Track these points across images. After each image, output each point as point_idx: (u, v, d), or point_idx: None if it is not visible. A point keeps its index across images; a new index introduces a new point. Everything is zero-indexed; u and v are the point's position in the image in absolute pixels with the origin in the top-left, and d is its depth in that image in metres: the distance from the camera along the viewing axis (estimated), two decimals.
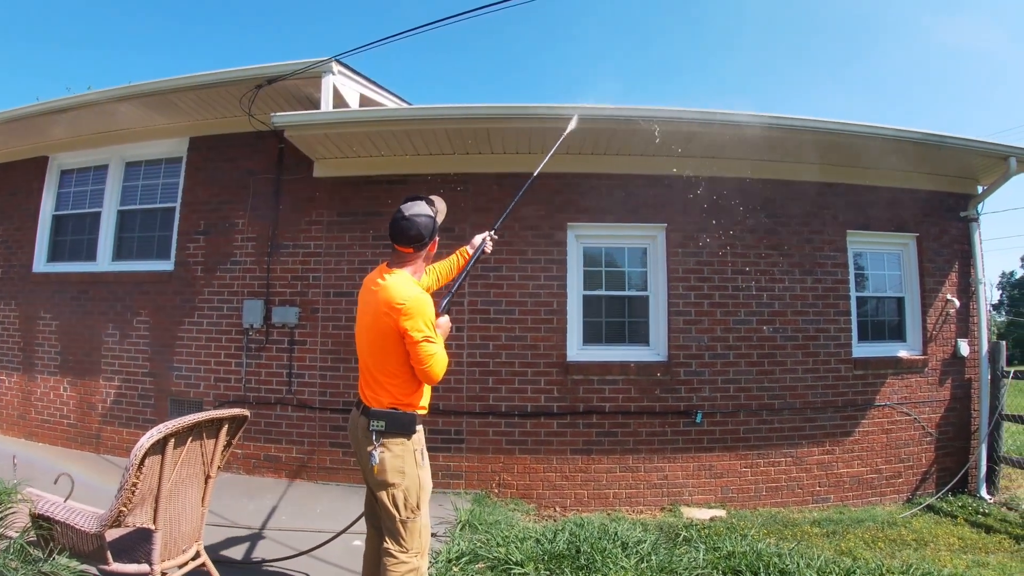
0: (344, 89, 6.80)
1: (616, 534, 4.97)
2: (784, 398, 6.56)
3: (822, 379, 6.66)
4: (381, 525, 2.98)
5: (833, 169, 6.93)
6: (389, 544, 2.87)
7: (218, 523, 4.88)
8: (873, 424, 6.80)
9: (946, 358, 7.20)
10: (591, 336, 6.53)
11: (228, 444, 3.48)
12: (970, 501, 6.76)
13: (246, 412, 3.49)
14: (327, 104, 6.40)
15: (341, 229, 6.61)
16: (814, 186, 6.92)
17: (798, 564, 4.43)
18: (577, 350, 6.46)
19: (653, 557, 4.52)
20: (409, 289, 2.87)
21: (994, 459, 7.07)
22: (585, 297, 6.58)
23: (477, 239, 3.85)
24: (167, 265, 7.13)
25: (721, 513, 6.10)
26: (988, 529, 5.96)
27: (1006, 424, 7.24)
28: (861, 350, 6.95)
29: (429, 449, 6.08)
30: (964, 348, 7.22)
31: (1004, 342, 7.36)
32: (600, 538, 4.83)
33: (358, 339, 3.07)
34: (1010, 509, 6.58)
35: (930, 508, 6.57)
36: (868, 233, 7.10)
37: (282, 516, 5.25)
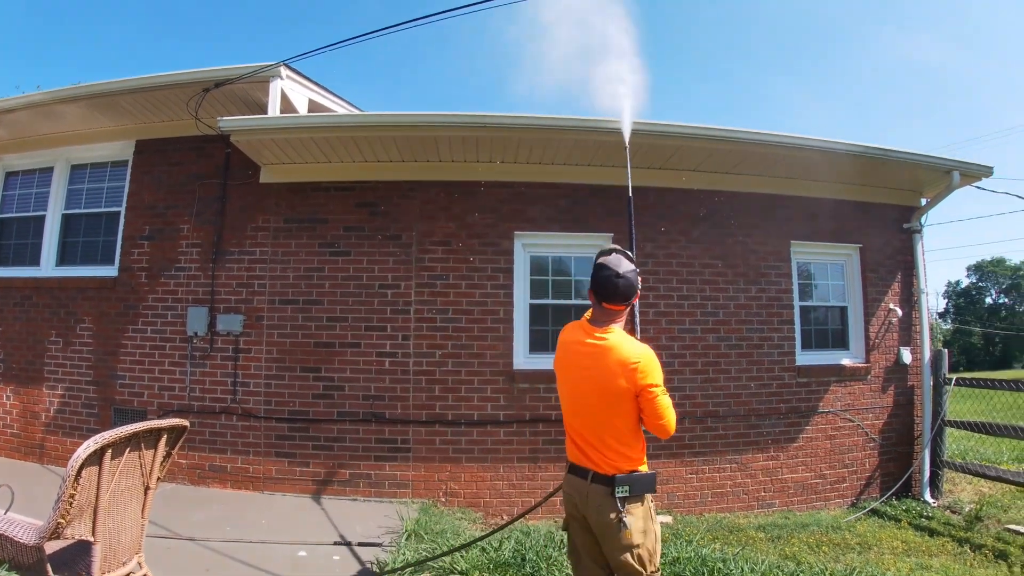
0: (293, 94, 6.73)
1: (562, 542, 4.98)
2: (729, 405, 6.63)
3: (766, 387, 6.74)
4: None
5: (779, 181, 7.03)
6: None
7: (162, 535, 4.79)
8: (817, 430, 6.90)
9: (889, 366, 7.34)
10: (538, 344, 6.53)
11: (168, 455, 3.41)
12: (914, 505, 6.86)
13: (185, 422, 3.42)
14: (275, 109, 6.35)
15: (288, 236, 6.53)
16: (760, 197, 7.01)
17: (742, 569, 4.49)
18: (524, 358, 6.46)
19: None
20: (637, 345, 2.79)
21: (937, 464, 7.20)
22: (532, 305, 6.58)
23: None
24: (111, 271, 6.98)
25: (668, 519, 6.14)
26: (932, 532, 6.06)
27: (949, 430, 7.38)
28: (805, 358, 7.06)
29: (375, 459, 6.10)
30: (907, 356, 7.36)
31: (946, 350, 7.51)
32: (546, 546, 4.84)
33: (571, 403, 2.92)
34: (953, 512, 6.70)
35: (874, 512, 6.67)
36: (812, 244, 7.22)
37: (227, 527, 5.16)
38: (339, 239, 6.47)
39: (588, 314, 2.95)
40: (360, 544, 4.89)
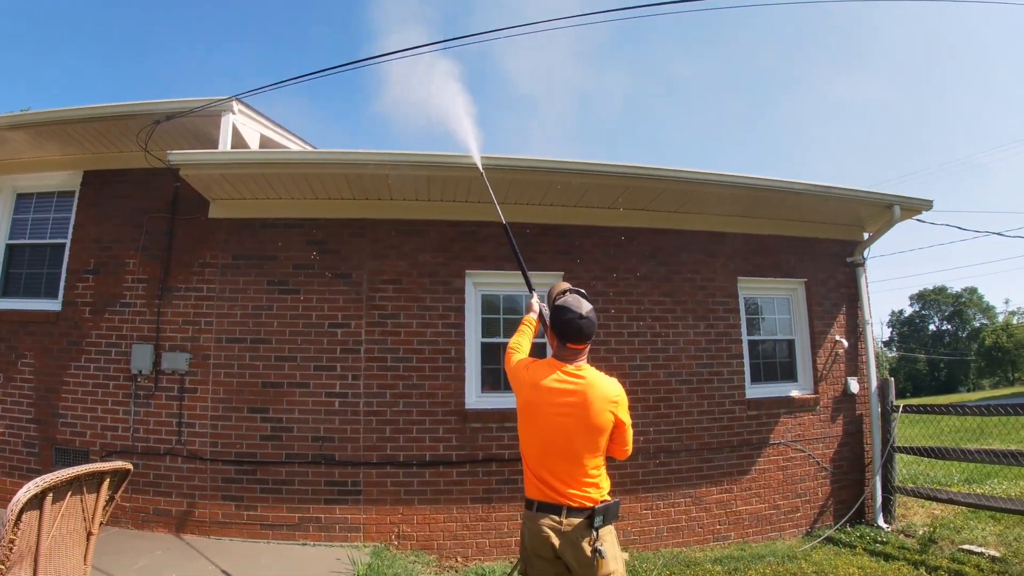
0: (244, 129, 6.66)
1: None
2: (681, 440, 6.67)
3: (717, 420, 6.80)
4: None
5: (724, 219, 7.17)
6: None
7: None
8: (769, 462, 6.96)
9: (837, 396, 7.46)
10: (490, 383, 6.52)
11: (111, 499, 3.30)
12: (868, 531, 6.94)
13: (129, 465, 3.32)
14: (225, 144, 6.29)
15: (236, 273, 6.42)
16: (706, 235, 7.13)
17: None
18: (476, 398, 6.43)
19: None
20: (612, 380, 2.99)
21: (889, 489, 7.31)
22: (484, 344, 6.57)
23: (535, 304, 3.68)
24: (55, 305, 6.78)
25: (624, 556, 6.11)
26: (887, 557, 6.11)
27: (899, 455, 7.50)
28: (754, 391, 7.14)
29: (325, 502, 6.00)
30: (854, 386, 7.49)
31: (893, 379, 7.66)
32: None
33: (544, 440, 2.90)
34: (907, 536, 6.79)
35: (829, 540, 6.73)
36: (758, 279, 7.36)
37: (172, 574, 5.01)
38: (288, 277, 6.39)
39: (554, 353, 3.04)
40: None
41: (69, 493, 2.91)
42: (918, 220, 7.60)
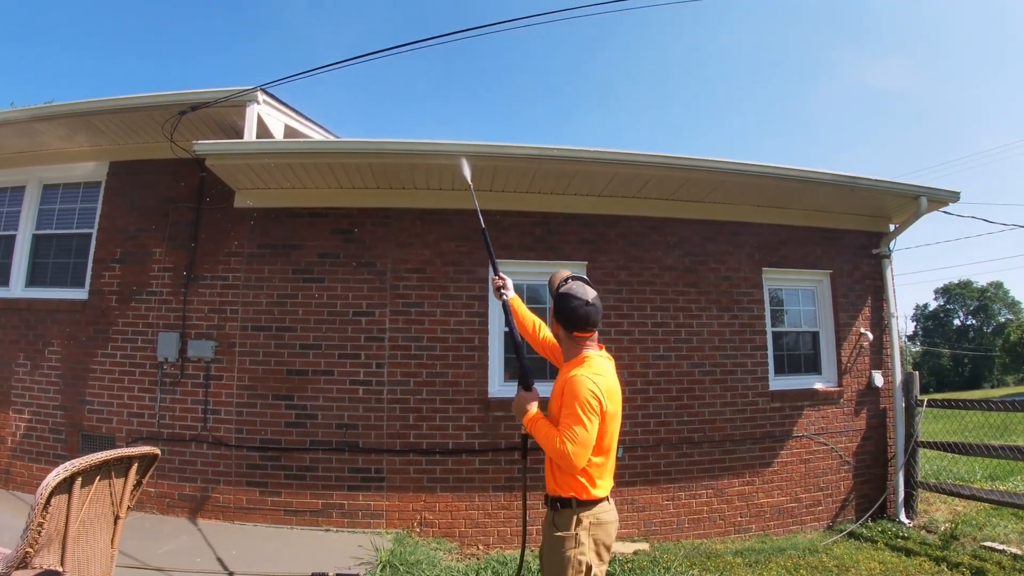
0: (269, 119, 6.68)
1: (538, 570, 4.95)
2: (704, 431, 6.65)
3: (741, 412, 6.77)
4: None
5: (749, 209, 7.12)
6: None
7: (130, 564, 4.70)
8: (792, 455, 6.92)
9: (861, 389, 7.39)
10: (513, 373, 6.49)
11: (138, 483, 3.34)
12: (890, 526, 6.89)
13: (156, 450, 3.36)
14: (250, 134, 6.30)
15: (261, 262, 6.46)
16: (731, 225, 7.09)
17: None
18: (498, 386, 6.43)
19: None
20: None
21: (911, 484, 7.25)
22: (506, 334, 6.50)
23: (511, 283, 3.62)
24: (81, 294, 6.86)
25: (645, 547, 6.11)
26: (908, 552, 6.06)
27: (922, 450, 7.43)
28: (778, 383, 7.11)
29: (348, 488, 6.02)
30: (878, 379, 7.42)
31: (917, 372, 7.59)
32: None
33: (612, 437, 2.92)
34: (929, 532, 6.73)
35: (851, 534, 6.68)
36: (783, 270, 7.30)
37: (196, 558, 5.08)
38: (313, 266, 6.42)
39: (566, 349, 3.01)
40: (337, 575, 4.82)
41: (98, 478, 2.94)
42: (945, 212, 7.52)
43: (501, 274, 3.60)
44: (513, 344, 3.36)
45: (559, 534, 2.83)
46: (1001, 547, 5.99)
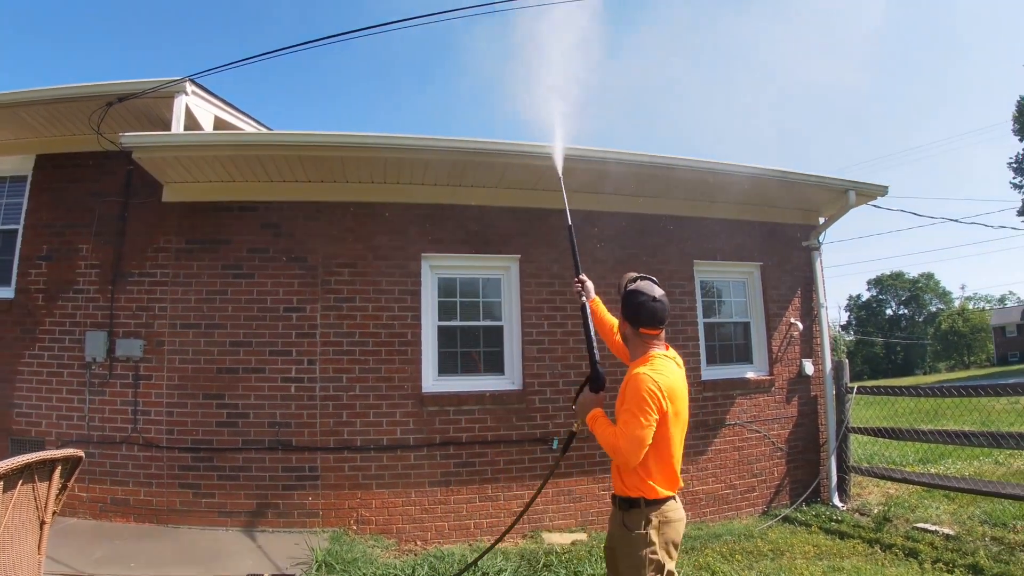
0: (198, 110, 6.50)
1: (477, 564, 4.92)
2: None
3: None
4: None
5: (682, 203, 7.17)
6: None
7: (63, 572, 4.52)
8: (725, 442, 7.00)
9: (792, 377, 7.52)
10: (447, 367, 6.47)
11: (63, 487, 3.21)
12: (824, 510, 7.02)
13: (80, 453, 3.23)
14: (178, 126, 6.14)
15: (189, 257, 6.26)
16: (664, 219, 7.14)
17: None
18: (432, 381, 6.37)
19: None
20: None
21: (844, 469, 7.39)
22: (440, 327, 6.52)
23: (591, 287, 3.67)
24: (7, 292, 6.56)
25: (582, 537, 6.12)
26: (842, 535, 6.17)
27: (854, 436, 7.57)
28: (710, 373, 7.19)
29: (283, 488, 5.90)
30: (809, 367, 7.56)
31: (847, 360, 7.75)
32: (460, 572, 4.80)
33: (677, 431, 2.94)
34: (862, 515, 6.87)
35: (786, 519, 6.79)
36: (715, 263, 7.38)
37: (131, 563, 4.90)
38: (243, 261, 6.24)
39: (634, 349, 3.05)
40: None
41: (20, 482, 2.83)
42: (874, 206, 7.67)
43: (582, 276, 3.67)
44: (588, 346, 3.36)
45: (631, 534, 2.85)
46: (934, 528, 6.12)
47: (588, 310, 3.53)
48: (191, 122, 6.39)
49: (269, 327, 6.15)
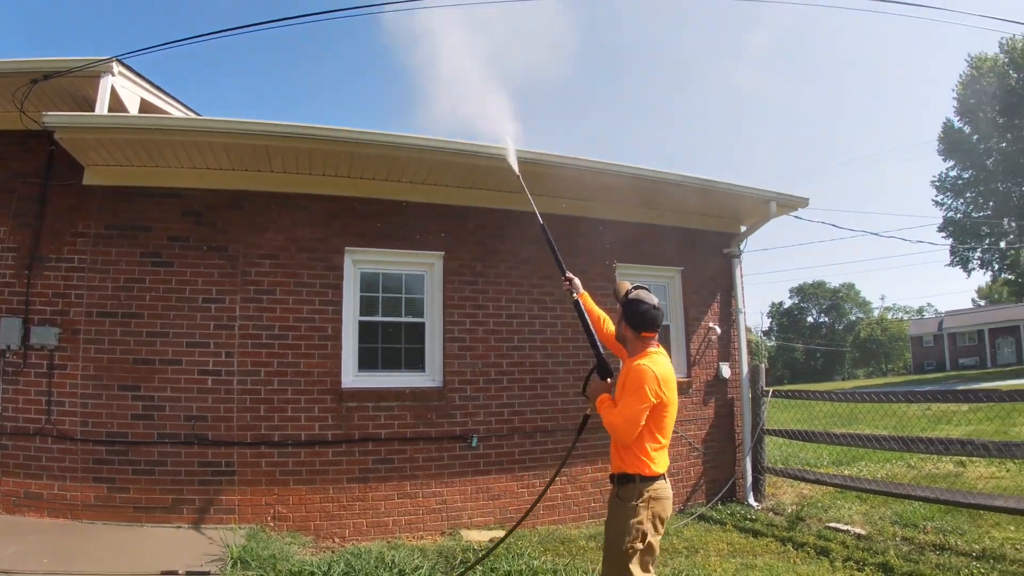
0: (124, 92, 6.36)
1: (394, 562, 5.03)
2: (557, 420, 6.83)
3: None
4: None
5: (609, 207, 7.30)
6: None
7: None
8: None
9: (709, 380, 7.76)
10: (367, 362, 6.47)
11: None
12: (739, 508, 7.24)
13: None
14: (103, 107, 5.99)
15: (108, 243, 6.09)
16: (590, 221, 7.26)
17: None
18: (352, 376, 6.35)
19: None
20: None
21: (759, 469, 7.64)
22: (361, 323, 6.51)
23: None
24: None
25: (500, 534, 6.17)
26: (756, 533, 6.36)
27: (769, 438, 7.81)
28: None
29: (199, 483, 5.81)
30: (726, 371, 7.80)
31: (764, 365, 8.01)
32: (377, 567, 4.89)
33: (672, 418, 3.41)
34: (776, 514, 7.09)
35: (701, 517, 6.98)
36: (637, 266, 7.55)
37: (44, 559, 4.77)
38: (162, 249, 6.10)
39: (632, 347, 3.47)
40: (188, 573, 4.68)
41: None
42: (795, 217, 7.91)
43: (568, 274, 4.14)
44: (589, 338, 3.82)
45: (626, 505, 3.29)
46: (845, 527, 6.35)
47: (582, 305, 3.94)
48: (117, 104, 6.25)
49: (187, 317, 6.03)
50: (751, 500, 7.49)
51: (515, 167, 4.86)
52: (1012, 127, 30.01)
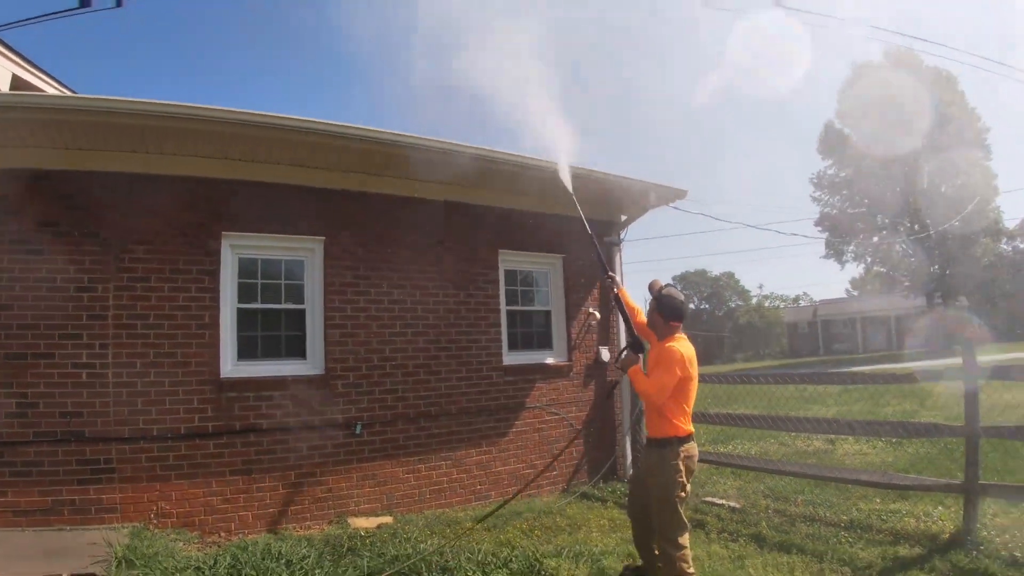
0: None
1: (280, 553, 5.14)
2: (441, 404, 7.19)
3: (476, 386, 7.41)
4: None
5: (492, 193, 7.68)
6: None
7: None
8: (526, 424, 7.67)
9: (589, 363, 8.36)
10: (247, 351, 6.48)
11: None
12: (619, 486, 7.78)
13: None
14: None
15: None
16: (474, 208, 7.64)
17: (459, 559, 5.05)
18: (232, 366, 6.39)
19: (318, 571, 4.83)
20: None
21: (638, 449, 8.13)
22: (240, 310, 6.49)
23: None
24: None
25: (388, 520, 6.45)
26: None
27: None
28: (511, 358, 7.86)
29: (78, 482, 5.81)
30: (605, 354, 8.39)
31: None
32: (264, 559, 4.96)
33: (693, 391, 4.37)
34: None
35: (584, 495, 7.52)
36: (519, 252, 8.05)
37: None
38: (32, 235, 5.85)
39: (660, 333, 4.39)
40: None
41: None
42: (674, 208, 8.52)
43: (611, 273, 5.34)
44: (626, 323, 4.84)
45: (668, 463, 4.16)
46: (721, 501, 6.90)
47: (621, 298, 4.94)
48: None
49: (59, 308, 5.81)
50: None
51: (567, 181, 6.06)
52: (888, 132, 32.33)
